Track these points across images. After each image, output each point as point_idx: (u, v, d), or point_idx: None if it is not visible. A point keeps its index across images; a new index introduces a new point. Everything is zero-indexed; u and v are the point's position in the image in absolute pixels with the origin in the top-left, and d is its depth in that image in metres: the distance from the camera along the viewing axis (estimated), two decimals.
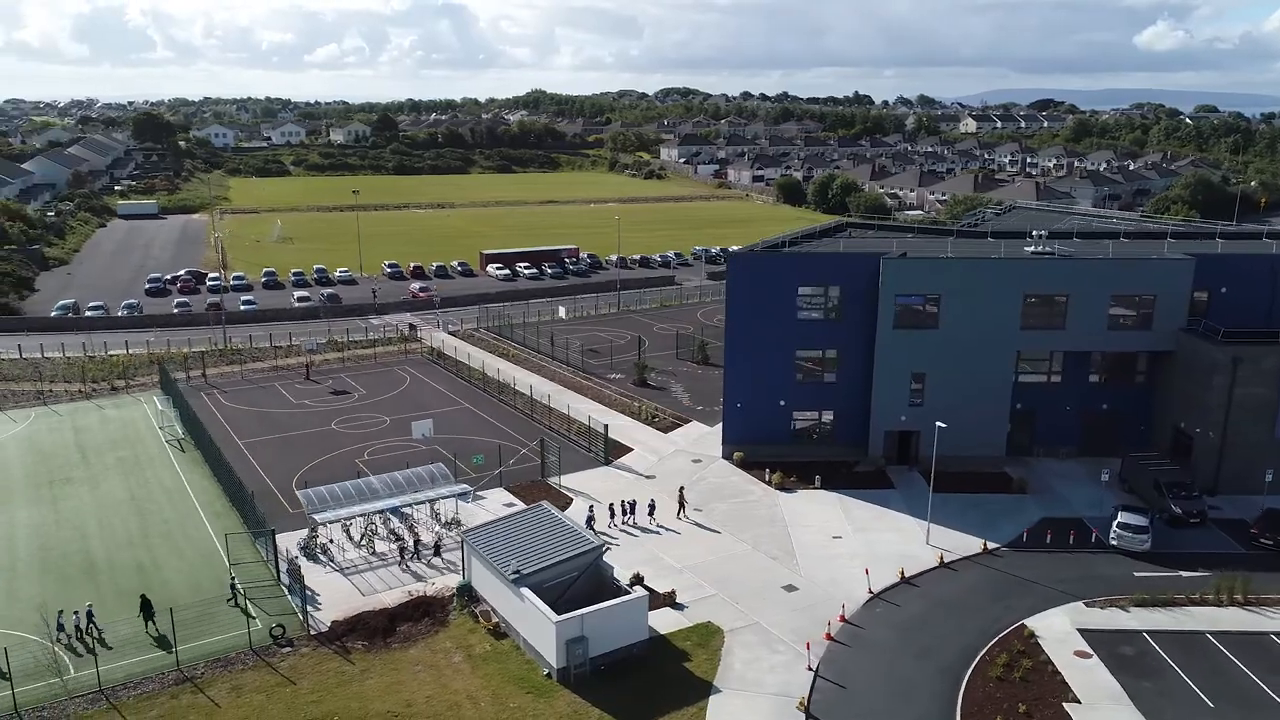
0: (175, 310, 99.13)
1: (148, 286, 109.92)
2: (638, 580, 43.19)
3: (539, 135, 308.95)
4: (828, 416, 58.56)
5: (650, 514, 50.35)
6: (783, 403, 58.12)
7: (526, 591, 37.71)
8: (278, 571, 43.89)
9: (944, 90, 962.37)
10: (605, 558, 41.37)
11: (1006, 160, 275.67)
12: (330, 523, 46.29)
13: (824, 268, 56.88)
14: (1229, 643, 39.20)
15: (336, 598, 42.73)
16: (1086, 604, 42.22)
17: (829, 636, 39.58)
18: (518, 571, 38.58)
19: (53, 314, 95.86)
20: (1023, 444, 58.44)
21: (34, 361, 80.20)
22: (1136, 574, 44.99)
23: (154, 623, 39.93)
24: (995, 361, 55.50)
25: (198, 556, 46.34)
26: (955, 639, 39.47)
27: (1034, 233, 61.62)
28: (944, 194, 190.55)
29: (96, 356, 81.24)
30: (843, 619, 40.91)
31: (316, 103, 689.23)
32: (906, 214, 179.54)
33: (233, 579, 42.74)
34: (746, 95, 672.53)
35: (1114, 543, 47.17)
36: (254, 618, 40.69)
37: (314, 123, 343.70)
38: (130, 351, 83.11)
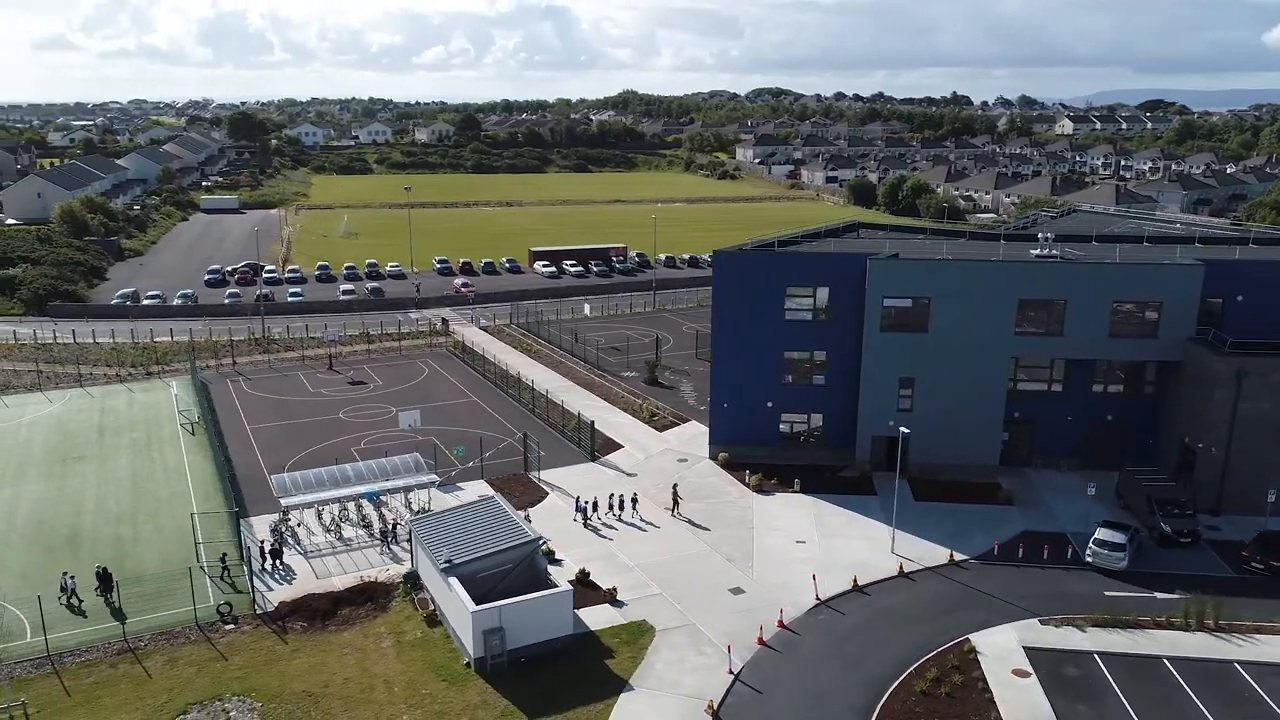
0: (226, 300, 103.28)
1: (207, 278, 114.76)
2: (583, 576, 43.26)
3: (618, 135, 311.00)
4: (817, 420, 57.55)
5: (630, 508, 50.54)
6: (770, 404, 57.32)
7: (453, 580, 38.16)
8: (241, 552, 45.39)
9: (1056, 91, 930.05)
10: (564, 552, 41.60)
11: (1099, 163, 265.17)
12: (295, 508, 47.65)
13: (812, 268, 55.85)
14: (1186, 670, 37.06)
15: (292, 579, 43.99)
16: (1042, 621, 40.48)
17: (760, 641, 38.91)
18: (449, 560, 39.08)
19: (112, 302, 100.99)
20: (1021, 454, 56.34)
21: (84, 346, 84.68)
22: (1108, 593, 42.90)
23: (112, 595, 41.78)
24: (988, 367, 53.59)
25: (174, 533, 48.27)
26: (890, 650, 38.34)
27: (1041, 236, 59.20)
28: (1019, 197, 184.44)
29: (140, 343, 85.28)
30: (780, 624, 40.16)
31: (416, 103, 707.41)
32: (978, 217, 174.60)
33: (224, 555, 44.34)
34: (839, 95, 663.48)
35: (1089, 559, 45.09)
36: (235, 592, 42.24)
37: (404, 123, 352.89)
38: (174, 339, 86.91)
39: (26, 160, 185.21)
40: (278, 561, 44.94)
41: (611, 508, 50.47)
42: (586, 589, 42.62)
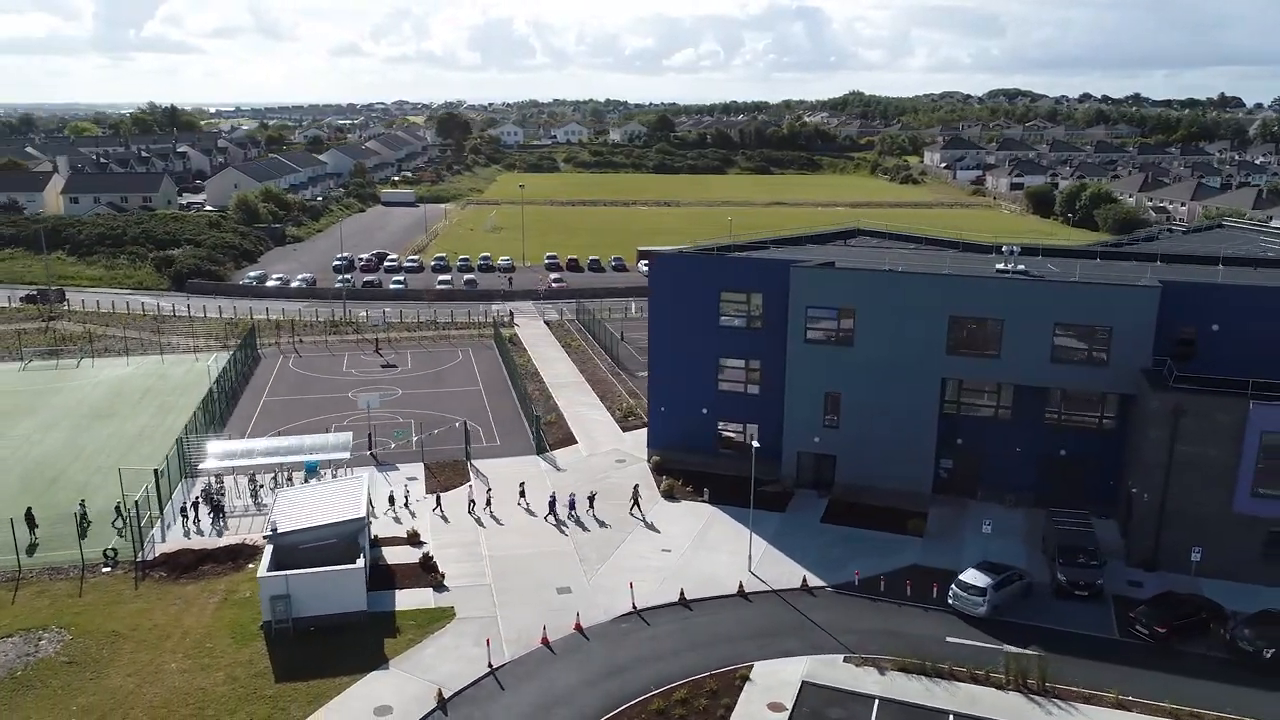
0: (337, 285, 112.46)
1: (335, 264, 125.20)
2: (425, 560, 44.85)
3: (808, 137, 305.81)
4: (754, 430, 55.76)
5: (587, 505, 50.98)
6: (705, 411, 56.19)
7: (267, 547, 40.98)
8: (161, 506, 50.38)
9: None
10: (435, 537, 43.46)
11: None
12: (209, 473, 52.38)
13: (746, 273, 54.20)
14: None
15: (191, 535, 48.48)
16: (846, 658, 37.82)
17: (544, 641, 38.97)
18: (273, 529, 41.95)
19: (240, 282, 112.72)
20: (964, 484, 52.10)
21: (194, 319, 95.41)
22: (951, 639, 39.33)
23: (35, 532, 47.85)
24: (917, 388, 49.97)
25: (130, 484, 53.93)
26: (662, 667, 37.25)
27: (1005, 249, 54.19)
28: (1217, 208, 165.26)
29: (238, 319, 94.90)
30: (577, 628, 39.95)
31: (650, 104, 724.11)
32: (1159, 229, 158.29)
33: (117, 506, 49.76)
34: (1084, 97, 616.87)
35: (950, 602, 41.36)
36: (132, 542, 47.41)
37: (603, 123, 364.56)
38: (269, 317, 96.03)
39: (221, 160, 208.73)
40: (218, 518, 49.36)
41: (573, 505, 50.86)
42: (425, 571, 44.22)
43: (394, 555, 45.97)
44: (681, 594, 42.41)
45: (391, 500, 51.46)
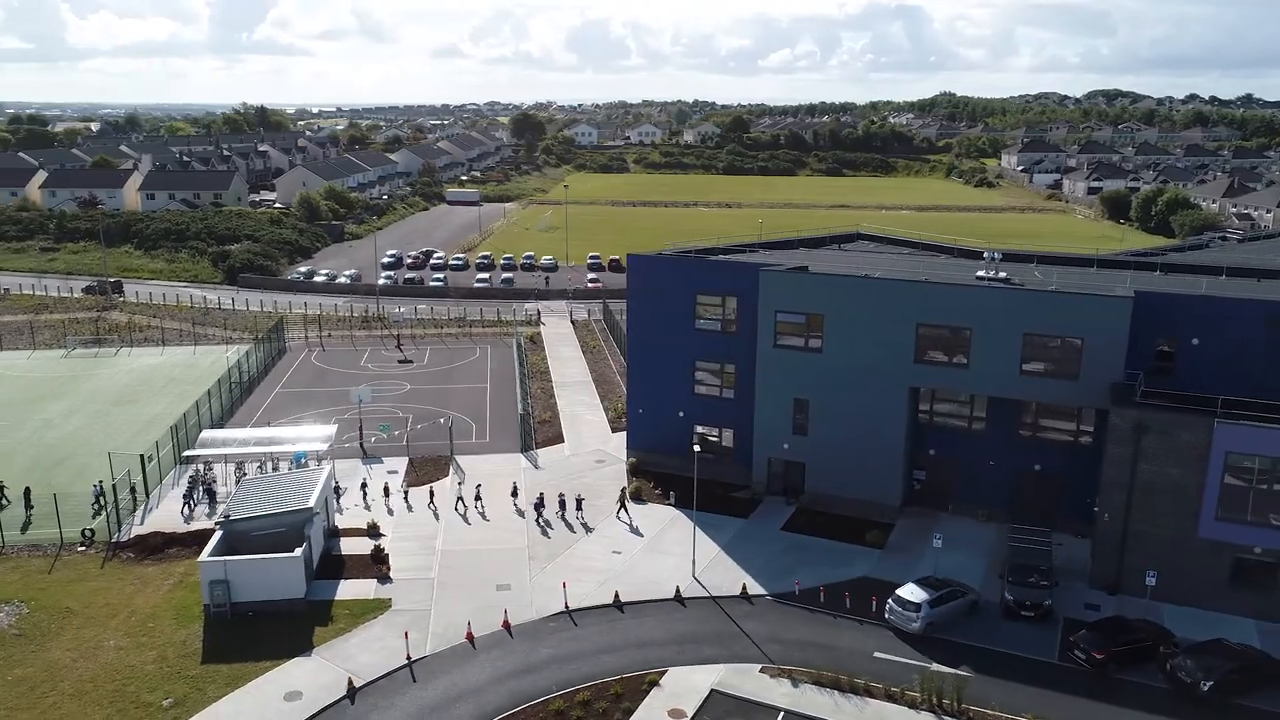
0: (380, 281, 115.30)
1: (383, 260, 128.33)
2: (376, 552, 45.82)
3: (884, 139, 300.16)
4: (729, 434, 55.29)
5: (574, 507, 51.08)
6: (682, 414, 55.91)
7: (217, 532, 42.48)
8: (147, 491, 52.61)
9: None
10: (399, 530, 44.71)
11: None
12: (196, 460, 54.38)
13: (721, 276, 53.70)
14: None
15: (165, 519, 50.47)
16: (762, 668, 37.26)
17: (469, 637, 39.42)
18: (225, 516, 43.44)
19: (289, 277, 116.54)
20: (936, 496, 50.73)
21: (229, 311, 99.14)
22: (878, 654, 38.39)
23: (30, 512, 50.49)
24: (885, 396, 48.80)
25: (122, 468, 56.31)
26: (573, 669, 37.28)
27: (986, 254, 52.42)
28: None
29: (276, 312, 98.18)
30: (505, 625, 40.29)
31: (737, 104, 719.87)
32: (1229, 234, 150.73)
33: (97, 484, 51.92)
34: (1190, 97, 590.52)
35: (888, 616, 40.33)
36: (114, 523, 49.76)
37: (679, 124, 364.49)
38: (306, 311, 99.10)
39: (299, 158, 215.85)
40: (211, 503, 51.34)
41: (563, 506, 51.29)
42: (374, 563, 45.20)
43: (351, 546, 47.05)
44: (616, 596, 42.36)
45: (364, 491, 52.71)
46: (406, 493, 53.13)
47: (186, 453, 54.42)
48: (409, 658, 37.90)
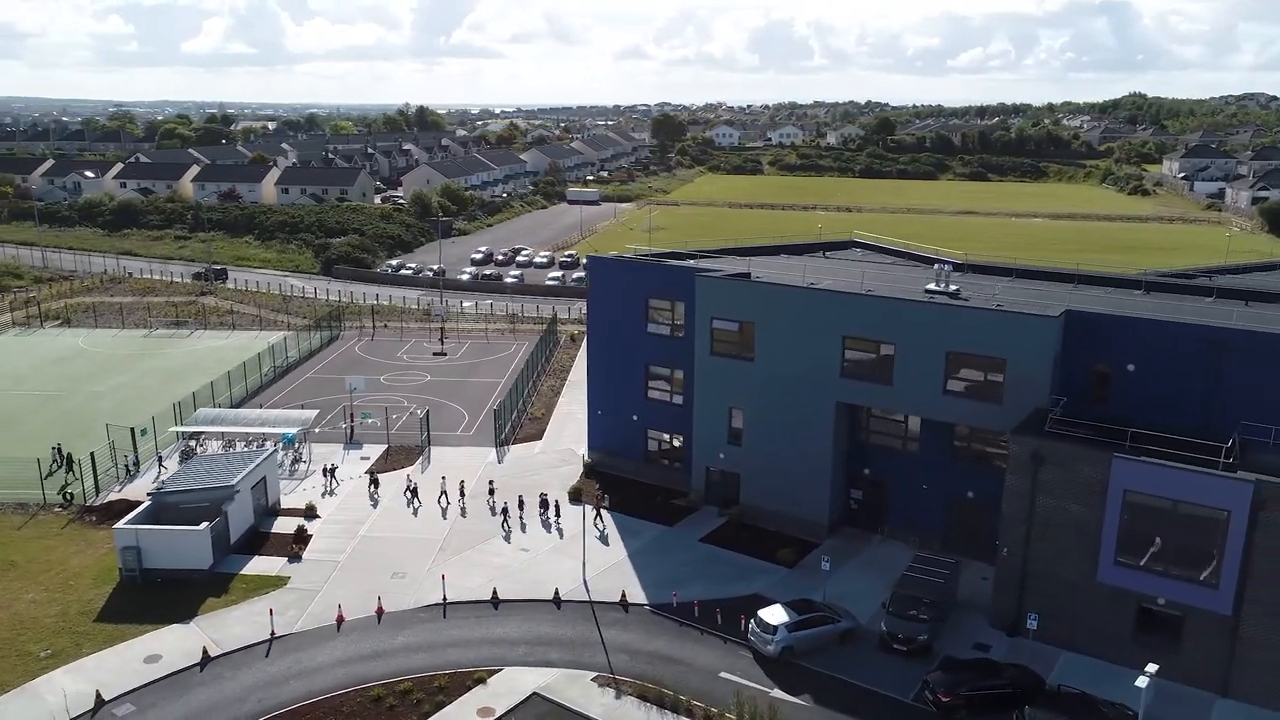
0: (463, 276, 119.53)
1: (473, 256, 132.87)
2: (299, 532, 48.13)
3: (1039, 143, 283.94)
4: (680, 440, 54.58)
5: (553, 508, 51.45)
6: (635, 418, 55.68)
7: (146, 501, 45.88)
8: (136, 461, 57.13)
9: None
10: (337, 512, 47.38)
11: None
12: (185, 435, 58.60)
13: (670, 281, 53.05)
14: None
15: (142, 489, 54.60)
16: (595, 677, 36.89)
17: (339, 619, 40.93)
18: (158, 488, 46.81)
19: (377, 270, 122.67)
20: (870, 518, 48.47)
21: (311, 300, 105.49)
22: (724, 674, 37.31)
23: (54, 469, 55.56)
24: (813, 410, 47.02)
25: (123, 438, 60.83)
26: (417, 658, 38.18)
27: (936, 266, 49.25)
28: None
29: (345, 303, 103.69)
30: (378, 611, 41.54)
31: (917, 104, 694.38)
32: None
33: (68, 452, 56.15)
34: None
35: (749, 638, 38.99)
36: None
37: (823, 126, 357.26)
38: (379, 301, 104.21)
39: (441, 157, 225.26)
40: None
41: (544, 506, 51.52)
42: (294, 542, 47.53)
43: (284, 525, 49.54)
44: (494, 593, 42.88)
45: (325, 474, 55.25)
46: (374, 478, 55.09)
47: (173, 429, 58.71)
48: (272, 634, 39.77)
